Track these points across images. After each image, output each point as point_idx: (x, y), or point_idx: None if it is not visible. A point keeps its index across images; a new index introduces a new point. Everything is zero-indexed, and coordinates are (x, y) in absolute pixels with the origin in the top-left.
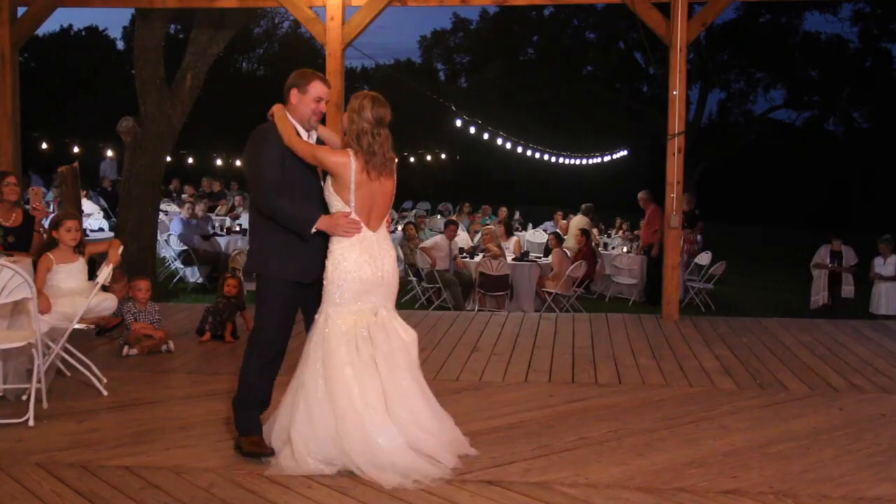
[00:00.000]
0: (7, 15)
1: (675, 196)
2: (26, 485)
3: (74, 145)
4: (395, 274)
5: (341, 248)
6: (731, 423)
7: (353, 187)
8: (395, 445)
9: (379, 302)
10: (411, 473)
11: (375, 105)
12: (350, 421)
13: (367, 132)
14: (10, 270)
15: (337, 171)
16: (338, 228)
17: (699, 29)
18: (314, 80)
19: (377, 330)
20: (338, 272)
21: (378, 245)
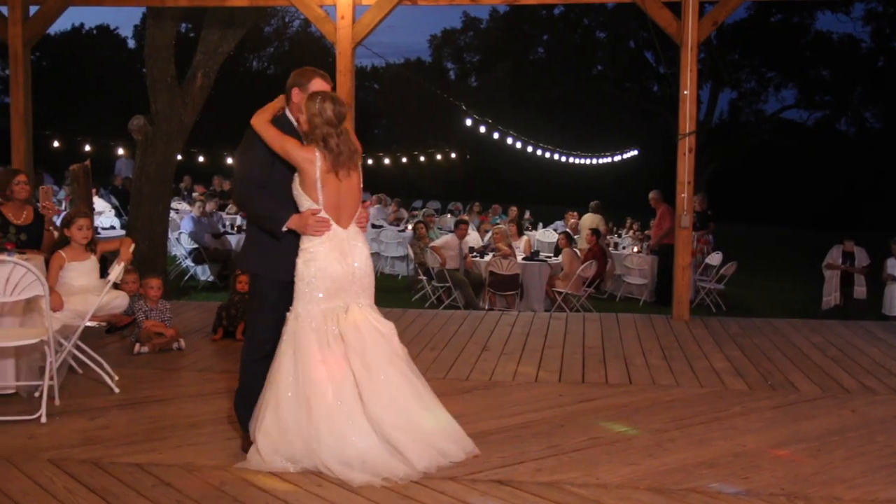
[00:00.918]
0: (19, 14)
1: (686, 196)
2: (39, 481)
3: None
4: (367, 270)
5: (311, 245)
6: (742, 424)
7: (319, 185)
8: (367, 444)
9: (351, 299)
10: (381, 472)
11: (336, 105)
12: (323, 420)
13: (333, 134)
14: (22, 268)
15: (303, 167)
16: (307, 227)
17: (710, 28)
18: (315, 77)
19: (348, 327)
20: (308, 270)
21: (349, 242)
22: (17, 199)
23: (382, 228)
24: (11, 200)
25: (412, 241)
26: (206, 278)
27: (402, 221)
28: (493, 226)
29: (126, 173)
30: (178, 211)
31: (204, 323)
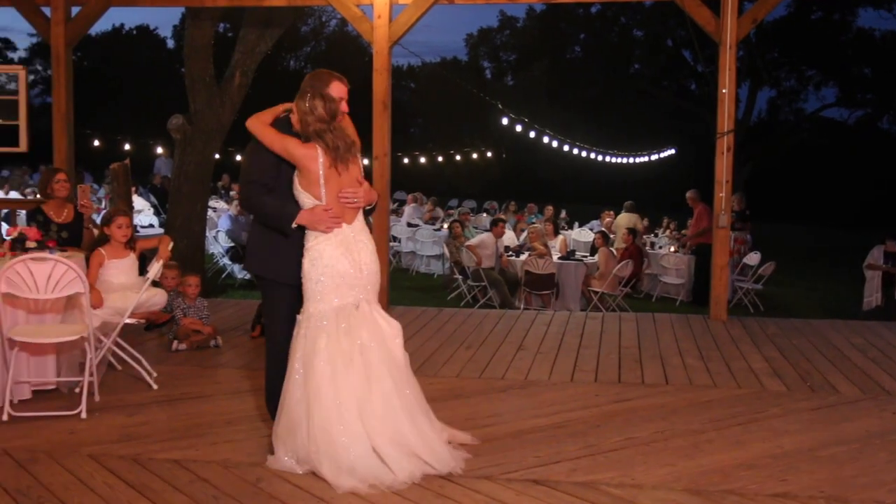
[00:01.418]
0: (62, 15)
1: (724, 195)
2: (79, 476)
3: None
4: (373, 266)
5: (317, 243)
6: (781, 426)
7: (322, 182)
8: (359, 452)
9: (360, 295)
10: (368, 479)
11: (326, 102)
12: (319, 421)
13: (325, 130)
14: (63, 266)
15: (305, 165)
16: (319, 223)
17: (749, 26)
18: (332, 80)
19: (360, 324)
20: (315, 268)
21: (354, 237)
22: (58, 198)
23: (418, 227)
24: (52, 199)
25: (448, 239)
26: (242, 276)
27: (438, 220)
28: (528, 225)
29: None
30: (216, 209)
31: (241, 321)
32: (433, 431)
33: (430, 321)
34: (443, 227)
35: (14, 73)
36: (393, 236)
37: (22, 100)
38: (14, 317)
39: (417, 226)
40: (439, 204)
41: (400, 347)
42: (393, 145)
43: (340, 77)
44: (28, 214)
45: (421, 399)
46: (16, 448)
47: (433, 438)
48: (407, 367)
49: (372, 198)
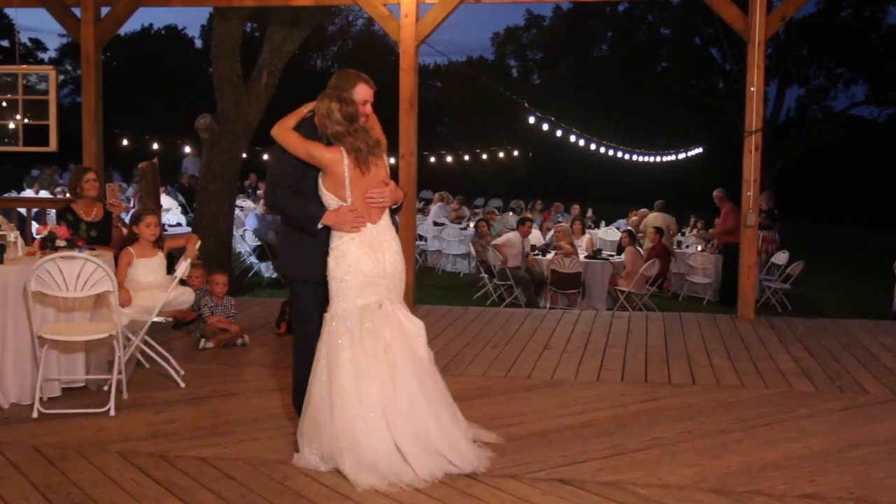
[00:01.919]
0: (91, 15)
1: (752, 194)
2: (108, 473)
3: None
4: (398, 265)
5: (342, 242)
6: (809, 426)
7: (347, 183)
8: (381, 450)
9: (383, 294)
10: (389, 476)
11: (343, 105)
12: (342, 418)
13: (344, 133)
14: (92, 264)
15: (331, 168)
16: (345, 223)
17: (778, 23)
18: (358, 82)
19: (383, 323)
20: (339, 267)
21: (379, 237)
22: (88, 197)
23: (444, 226)
24: (82, 198)
25: (474, 238)
26: (269, 275)
27: (464, 219)
28: (554, 224)
29: (192, 171)
30: (243, 208)
31: (267, 319)
32: (458, 430)
33: (456, 320)
34: (469, 225)
35: (44, 74)
36: (419, 235)
37: (52, 100)
38: (44, 315)
39: (443, 225)
40: (465, 203)
41: (423, 346)
42: (419, 144)
43: (367, 79)
44: (58, 213)
45: (446, 397)
46: (46, 445)
47: (457, 437)
48: (432, 366)
49: (398, 197)
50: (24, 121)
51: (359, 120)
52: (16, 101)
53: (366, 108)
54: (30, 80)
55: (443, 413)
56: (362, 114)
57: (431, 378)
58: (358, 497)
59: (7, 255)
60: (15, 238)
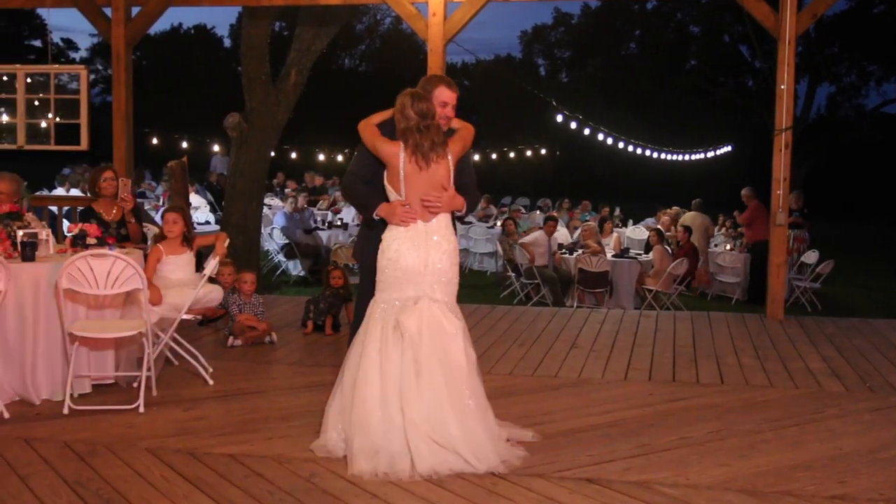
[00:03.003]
0: (122, 15)
1: (782, 193)
2: (137, 469)
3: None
4: (441, 265)
5: (389, 235)
6: (839, 427)
7: (402, 176)
8: (388, 438)
9: (423, 292)
10: (384, 467)
11: (415, 101)
12: (361, 404)
13: (413, 129)
14: (122, 262)
15: (389, 161)
16: (394, 216)
17: (809, 21)
18: (440, 84)
19: (414, 318)
20: (381, 259)
21: (426, 235)
22: (107, 196)
23: (471, 225)
24: (102, 197)
25: (501, 237)
26: (297, 273)
27: (491, 218)
28: (582, 222)
29: (221, 170)
30: (271, 207)
31: (295, 317)
32: (482, 429)
33: (483, 318)
34: (496, 224)
35: (76, 73)
36: None
37: (83, 99)
38: (75, 312)
39: (471, 223)
40: (493, 201)
41: (459, 347)
42: None
43: (449, 82)
44: (81, 214)
45: (480, 400)
46: (76, 441)
47: (479, 437)
48: (468, 368)
49: (456, 205)
50: (55, 120)
51: (432, 118)
52: (48, 100)
53: (445, 111)
54: (61, 80)
55: (470, 414)
56: (441, 115)
57: (464, 379)
58: (384, 494)
59: (39, 252)
60: (46, 236)
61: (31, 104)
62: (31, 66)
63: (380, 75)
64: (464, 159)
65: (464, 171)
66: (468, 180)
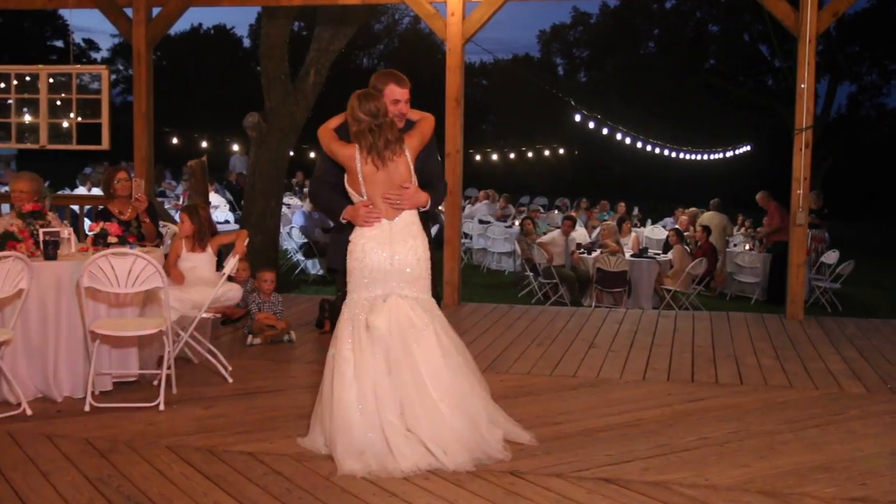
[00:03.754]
0: (143, 15)
1: (802, 193)
2: (157, 466)
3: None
4: (409, 260)
5: (354, 236)
6: (860, 428)
7: (361, 179)
8: (370, 436)
9: (392, 290)
10: (373, 465)
11: (363, 101)
12: (340, 404)
13: (365, 130)
14: (143, 260)
15: (346, 164)
16: (357, 218)
17: (830, 20)
18: (389, 82)
19: (383, 316)
20: (350, 260)
21: (391, 232)
22: (122, 196)
23: (490, 224)
24: (116, 197)
25: (519, 236)
26: (315, 272)
27: (510, 217)
28: (600, 222)
29: (240, 169)
30: (290, 206)
31: (314, 316)
32: (456, 429)
33: (501, 318)
34: (514, 224)
35: (97, 73)
36: (464, 233)
37: (104, 99)
38: (96, 310)
39: (489, 223)
40: (511, 201)
41: (430, 341)
42: (465, 142)
43: (399, 79)
44: (97, 214)
45: (464, 389)
46: (97, 438)
47: (448, 435)
48: (447, 358)
49: (419, 201)
50: (77, 119)
51: (384, 116)
52: (70, 99)
53: (398, 107)
54: (83, 80)
55: (436, 409)
56: (394, 113)
57: (435, 373)
58: (403, 493)
59: (61, 251)
60: (68, 235)
61: (54, 104)
62: (53, 66)
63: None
64: (427, 151)
65: (427, 163)
66: (433, 172)
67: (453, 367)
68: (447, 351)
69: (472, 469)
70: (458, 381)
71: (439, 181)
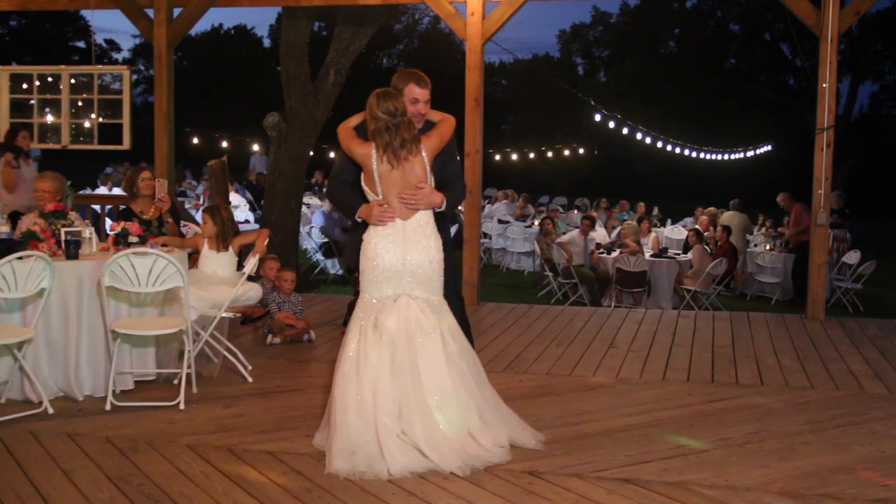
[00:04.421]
0: (164, 16)
1: (823, 192)
2: (177, 465)
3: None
4: (423, 263)
5: (368, 235)
6: (882, 429)
7: (376, 178)
8: (365, 437)
9: (403, 290)
10: (361, 466)
11: (382, 100)
12: (341, 403)
13: (382, 128)
14: (164, 260)
15: (363, 162)
16: (371, 217)
17: (852, 18)
18: (409, 82)
19: (391, 317)
20: (363, 259)
21: (405, 232)
22: (145, 195)
23: (509, 224)
24: (140, 196)
25: (539, 236)
26: (335, 272)
27: (529, 217)
28: (619, 222)
29: (260, 169)
30: (310, 206)
31: (333, 315)
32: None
33: (521, 318)
34: (534, 223)
35: (118, 74)
36: (483, 233)
37: (126, 99)
38: (117, 309)
39: (508, 222)
40: (530, 201)
41: (436, 346)
42: (484, 142)
43: (419, 78)
44: (120, 213)
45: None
46: (118, 437)
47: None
48: (450, 363)
49: (434, 201)
50: (98, 120)
51: (402, 115)
52: (91, 100)
53: (416, 107)
54: (104, 80)
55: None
56: (413, 113)
57: (436, 377)
58: (422, 493)
59: (82, 250)
60: (89, 234)
61: (75, 104)
62: (75, 66)
63: None
64: (446, 152)
65: (446, 164)
66: (452, 173)
67: (455, 374)
68: (451, 357)
69: (465, 472)
70: (459, 390)
71: (457, 182)
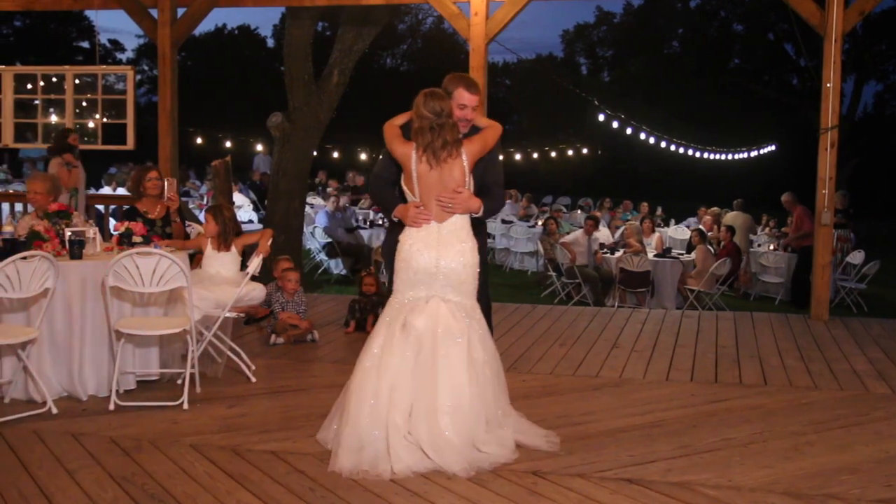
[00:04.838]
0: (168, 16)
1: (827, 192)
2: (181, 465)
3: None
4: (453, 264)
5: (403, 236)
6: (886, 430)
7: (415, 178)
8: (375, 434)
9: (435, 292)
10: (365, 464)
11: (429, 100)
12: (357, 397)
13: (426, 128)
14: (167, 260)
15: (403, 162)
16: (406, 217)
17: (856, 18)
18: (459, 86)
19: (420, 318)
20: (397, 260)
21: (439, 235)
22: (151, 195)
23: (512, 224)
24: (146, 196)
25: (542, 236)
26: (338, 272)
27: (533, 217)
28: (623, 222)
29: (264, 169)
30: (313, 206)
31: (337, 315)
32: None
33: (524, 318)
34: (537, 223)
35: (122, 74)
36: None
37: (130, 99)
38: (121, 309)
39: (511, 222)
40: (534, 201)
41: (461, 350)
42: None
43: (469, 84)
44: (125, 213)
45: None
46: (122, 436)
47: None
48: (469, 372)
49: (472, 207)
50: (103, 120)
51: (448, 117)
52: (95, 100)
53: (464, 113)
54: (108, 80)
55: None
56: (459, 117)
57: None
58: (425, 493)
59: (86, 251)
60: (93, 234)
61: (80, 104)
62: (79, 66)
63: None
64: (489, 158)
65: (488, 170)
66: (493, 180)
67: (475, 384)
68: (475, 364)
69: (467, 474)
70: (474, 401)
71: (497, 189)
